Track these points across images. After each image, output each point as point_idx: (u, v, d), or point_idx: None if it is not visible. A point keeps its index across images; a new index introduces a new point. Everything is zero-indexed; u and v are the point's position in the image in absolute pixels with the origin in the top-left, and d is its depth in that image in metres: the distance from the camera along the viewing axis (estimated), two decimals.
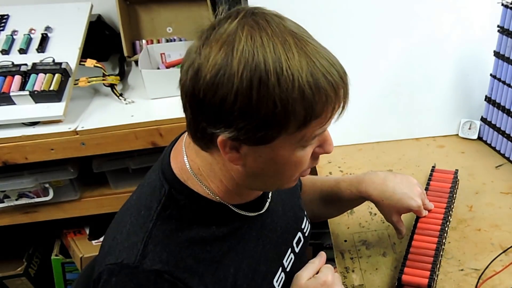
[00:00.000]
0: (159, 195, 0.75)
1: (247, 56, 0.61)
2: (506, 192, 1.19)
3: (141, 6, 1.69)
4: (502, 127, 1.29)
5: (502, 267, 0.98)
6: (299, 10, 1.36)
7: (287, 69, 0.61)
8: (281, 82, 0.61)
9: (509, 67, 1.23)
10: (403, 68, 1.39)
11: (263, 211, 0.84)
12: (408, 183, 0.97)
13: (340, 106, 0.69)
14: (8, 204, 1.44)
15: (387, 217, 0.98)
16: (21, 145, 1.32)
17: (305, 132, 0.66)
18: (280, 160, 0.69)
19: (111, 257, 0.72)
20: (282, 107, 0.62)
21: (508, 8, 1.19)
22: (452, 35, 1.37)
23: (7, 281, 1.72)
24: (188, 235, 0.73)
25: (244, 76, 0.61)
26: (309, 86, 0.62)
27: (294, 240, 0.92)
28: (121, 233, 0.74)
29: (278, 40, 0.62)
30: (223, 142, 0.66)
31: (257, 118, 0.62)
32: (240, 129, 0.64)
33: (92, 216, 1.56)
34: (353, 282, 0.99)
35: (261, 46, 0.62)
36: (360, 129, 1.42)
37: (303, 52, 0.63)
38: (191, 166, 0.76)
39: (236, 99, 0.61)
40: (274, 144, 0.66)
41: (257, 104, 0.62)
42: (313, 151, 0.72)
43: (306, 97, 0.62)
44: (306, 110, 0.63)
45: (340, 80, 0.66)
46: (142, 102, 1.46)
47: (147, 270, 0.68)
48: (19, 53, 1.45)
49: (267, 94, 0.61)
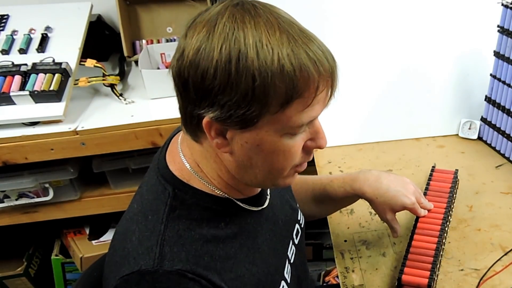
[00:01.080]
0: (164, 197, 0.74)
1: (227, 31, 0.62)
2: (506, 192, 1.19)
3: (141, 6, 1.69)
4: (502, 127, 1.30)
5: (502, 267, 0.98)
6: (299, 10, 1.36)
7: (267, 43, 0.62)
8: (260, 56, 0.61)
9: (509, 67, 1.23)
10: (403, 68, 1.39)
11: (266, 205, 0.85)
12: (402, 182, 0.98)
13: (327, 91, 0.67)
14: (8, 204, 1.44)
15: (381, 215, 0.98)
16: (21, 145, 1.32)
17: (289, 114, 0.65)
18: (267, 148, 0.68)
19: (125, 268, 0.69)
20: (261, 81, 0.62)
21: (508, 8, 1.19)
22: (452, 35, 1.37)
23: (7, 281, 1.72)
24: (200, 233, 0.72)
25: (223, 50, 0.62)
26: (290, 61, 0.62)
27: (294, 231, 0.94)
28: (131, 241, 0.72)
29: (260, 19, 0.63)
30: (208, 124, 0.67)
31: (237, 93, 0.62)
32: (222, 107, 0.64)
33: (92, 216, 1.56)
34: (353, 282, 0.99)
35: (242, 22, 0.63)
36: (360, 129, 1.42)
37: (286, 31, 0.63)
38: (189, 164, 0.76)
39: (216, 73, 0.62)
40: (259, 127, 0.66)
41: (236, 78, 0.62)
42: (305, 145, 0.71)
43: (286, 72, 0.62)
44: (287, 86, 0.63)
45: (324, 60, 0.64)
46: (142, 102, 1.46)
47: (168, 272, 0.67)
48: (19, 53, 1.45)
49: (246, 67, 0.61)
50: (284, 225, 0.90)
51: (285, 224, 0.91)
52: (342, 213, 1.17)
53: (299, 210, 0.99)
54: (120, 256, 0.72)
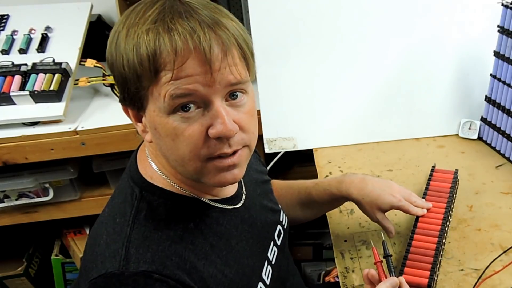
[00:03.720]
0: (131, 200, 0.74)
1: (124, 16, 0.69)
2: (506, 192, 1.19)
3: None
4: (502, 127, 1.29)
5: (502, 267, 0.98)
6: (299, 10, 1.36)
7: (138, 24, 0.66)
8: (128, 35, 0.66)
9: (509, 67, 1.23)
10: (403, 68, 1.39)
11: (239, 205, 0.84)
12: (387, 183, 1.00)
13: (199, 65, 0.64)
14: (8, 204, 1.44)
15: (371, 216, 1.00)
16: (21, 145, 1.32)
17: (160, 89, 0.65)
18: (162, 131, 0.68)
19: (93, 272, 0.69)
20: (127, 58, 0.66)
21: (508, 8, 1.19)
22: (452, 35, 1.37)
23: (7, 281, 1.72)
24: (168, 234, 0.72)
25: (112, 33, 0.70)
26: (148, 40, 0.64)
27: (275, 233, 0.94)
28: (99, 245, 0.72)
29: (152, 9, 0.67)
30: (124, 109, 0.73)
31: (116, 72, 0.69)
32: (118, 86, 0.70)
33: (92, 216, 1.56)
34: (353, 282, 0.99)
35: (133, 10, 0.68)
36: (360, 129, 1.42)
37: (163, 11, 0.66)
38: (155, 163, 0.76)
39: (108, 55, 0.70)
40: (148, 108, 0.69)
41: (115, 58, 0.68)
42: (208, 132, 0.67)
43: (144, 49, 0.64)
44: (149, 62, 0.64)
45: (185, 37, 0.64)
46: None
47: (134, 273, 0.67)
48: (19, 53, 1.45)
49: (118, 47, 0.67)
50: (263, 227, 0.90)
51: (264, 226, 0.90)
52: (342, 213, 1.17)
53: (281, 211, 0.98)
54: (89, 260, 0.72)
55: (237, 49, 0.67)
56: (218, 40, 0.65)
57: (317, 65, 1.38)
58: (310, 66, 1.39)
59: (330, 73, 1.39)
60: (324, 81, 1.39)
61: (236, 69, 0.67)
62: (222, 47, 0.65)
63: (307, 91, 1.40)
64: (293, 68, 1.37)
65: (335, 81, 1.40)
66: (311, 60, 1.39)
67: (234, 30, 0.67)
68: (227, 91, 0.68)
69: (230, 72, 0.66)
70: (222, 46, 0.65)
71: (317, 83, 1.39)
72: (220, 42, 0.65)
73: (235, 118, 0.69)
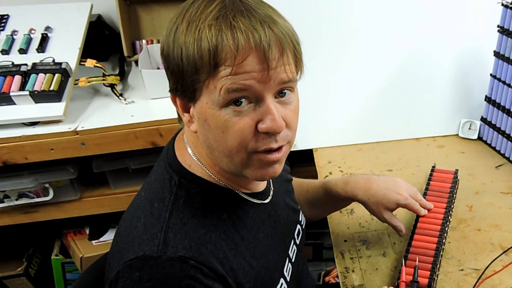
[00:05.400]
0: (170, 186, 0.76)
1: (179, 11, 0.71)
2: (506, 192, 1.19)
3: (141, 6, 1.69)
4: (502, 127, 1.29)
5: (502, 267, 0.98)
6: (299, 10, 1.36)
7: (200, 19, 0.67)
8: (189, 29, 0.67)
9: (509, 67, 1.23)
10: (403, 68, 1.39)
11: (268, 201, 0.86)
12: (393, 181, 0.99)
13: (257, 62, 0.66)
14: (8, 204, 1.44)
15: (378, 216, 0.99)
16: (21, 145, 1.32)
17: (217, 82, 0.67)
18: (212, 123, 0.70)
19: (129, 253, 0.70)
20: (186, 51, 0.67)
21: (508, 8, 1.19)
22: (452, 35, 1.37)
23: (7, 281, 1.72)
24: (204, 222, 0.74)
25: (168, 26, 0.71)
26: (211, 34, 0.66)
27: (295, 232, 0.95)
28: (136, 227, 0.73)
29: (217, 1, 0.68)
30: (172, 98, 0.75)
31: (173, 63, 0.70)
32: (171, 77, 0.71)
33: (92, 216, 1.56)
34: (353, 282, 0.99)
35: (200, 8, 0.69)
36: (360, 129, 1.42)
37: (224, 7, 0.67)
38: (193, 152, 0.78)
39: (163, 46, 0.72)
40: (200, 99, 0.70)
41: (173, 49, 0.69)
42: (257, 127, 0.69)
43: (206, 43, 0.66)
44: (210, 56, 0.66)
45: (247, 34, 0.65)
46: (142, 102, 1.46)
47: (171, 258, 0.68)
48: (19, 53, 1.45)
49: (177, 39, 0.68)
50: (286, 225, 0.91)
51: (287, 224, 0.92)
52: (342, 213, 1.17)
53: (300, 211, 1.00)
54: (125, 242, 0.73)
55: (291, 48, 0.70)
56: (276, 39, 0.67)
57: (317, 65, 1.38)
58: (309, 67, 1.39)
59: (330, 73, 1.39)
60: (324, 81, 1.39)
61: (289, 68, 0.70)
62: (279, 46, 0.68)
63: (307, 91, 1.40)
64: None
65: (335, 81, 1.40)
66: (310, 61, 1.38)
67: (288, 30, 0.70)
68: (278, 88, 0.70)
69: (284, 71, 0.69)
70: (279, 45, 0.68)
71: (317, 83, 1.39)
72: (278, 41, 0.67)
73: (282, 115, 0.71)
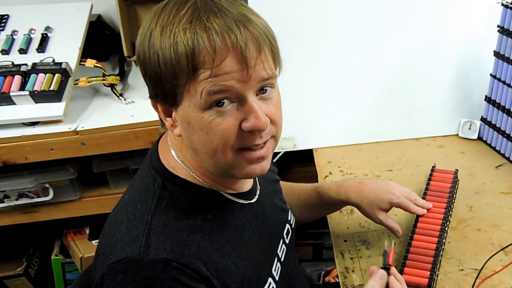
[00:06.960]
0: (153, 188, 0.76)
1: (151, 15, 0.71)
2: (506, 192, 1.19)
3: (141, 6, 1.69)
4: (502, 127, 1.29)
5: (502, 267, 0.98)
6: (299, 10, 1.36)
7: (173, 23, 0.67)
8: (163, 34, 0.67)
9: (509, 67, 1.23)
10: (403, 68, 1.39)
11: (254, 201, 0.86)
12: (385, 183, 1.00)
13: (236, 63, 0.67)
14: (8, 204, 1.44)
15: (373, 217, 1.00)
16: (21, 145, 1.32)
17: (197, 86, 0.67)
18: (196, 125, 0.70)
19: (112, 256, 0.71)
20: (163, 56, 0.67)
21: (508, 8, 1.19)
22: (452, 35, 1.37)
23: (7, 281, 1.72)
24: (187, 224, 0.74)
25: (142, 31, 0.71)
26: (186, 38, 0.65)
27: (284, 231, 0.95)
28: (120, 230, 0.74)
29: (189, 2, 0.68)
30: (153, 104, 0.74)
31: (150, 69, 0.69)
32: (150, 83, 0.71)
33: (92, 216, 1.56)
34: (353, 282, 0.99)
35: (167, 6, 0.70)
36: (360, 129, 1.42)
37: (197, 8, 0.67)
38: (177, 154, 0.78)
39: (139, 52, 0.72)
40: (182, 103, 0.70)
41: (149, 56, 0.69)
42: (241, 126, 0.70)
43: (182, 47, 0.66)
44: (187, 59, 0.65)
45: (222, 35, 0.66)
46: (142, 102, 1.45)
47: (154, 260, 0.68)
48: (19, 53, 1.45)
49: (153, 45, 0.68)
50: (274, 224, 0.91)
51: (275, 223, 0.92)
52: (342, 213, 1.17)
53: (289, 211, 1.00)
54: (109, 244, 0.73)
55: (268, 45, 0.70)
56: (252, 38, 0.67)
57: (316, 65, 1.38)
58: (309, 66, 1.39)
59: (330, 73, 1.39)
60: (324, 81, 1.39)
61: (268, 65, 0.70)
62: (256, 44, 0.68)
63: (307, 91, 1.40)
64: (292, 68, 1.37)
65: (335, 81, 1.40)
66: (310, 61, 1.39)
67: (263, 27, 0.70)
68: (259, 86, 0.70)
69: (263, 68, 0.69)
70: (256, 43, 0.67)
71: (317, 83, 1.39)
72: (254, 39, 0.67)
73: (266, 112, 0.71)
